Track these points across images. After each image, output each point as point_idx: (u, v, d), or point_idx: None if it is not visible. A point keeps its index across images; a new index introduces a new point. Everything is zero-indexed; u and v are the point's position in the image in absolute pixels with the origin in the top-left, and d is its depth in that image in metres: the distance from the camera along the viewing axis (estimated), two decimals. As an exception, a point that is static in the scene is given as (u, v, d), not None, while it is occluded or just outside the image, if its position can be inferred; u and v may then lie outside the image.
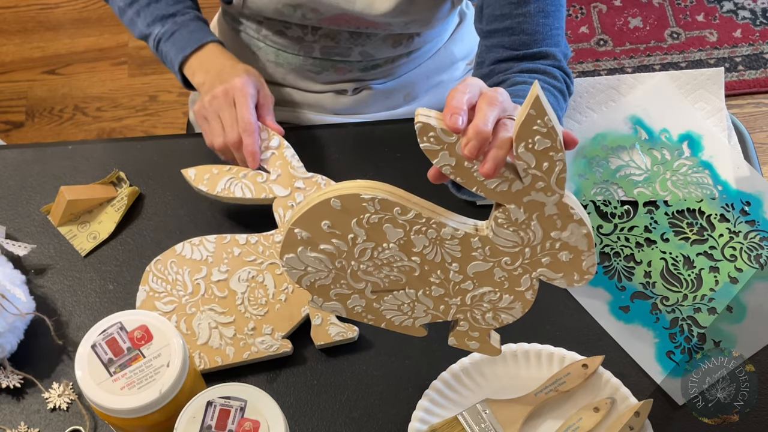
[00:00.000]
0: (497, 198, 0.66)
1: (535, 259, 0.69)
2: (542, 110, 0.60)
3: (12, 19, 2.16)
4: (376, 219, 0.68)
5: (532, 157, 0.63)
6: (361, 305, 0.75)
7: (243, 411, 0.73)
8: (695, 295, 0.96)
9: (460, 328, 0.76)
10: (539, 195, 0.65)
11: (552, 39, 0.94)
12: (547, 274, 0.70)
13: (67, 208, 0.97)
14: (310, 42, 1.08)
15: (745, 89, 2.04)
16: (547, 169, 0.63)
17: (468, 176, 0.65)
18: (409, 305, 0.74)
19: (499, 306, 0.73)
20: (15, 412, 0.90)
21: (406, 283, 0.72)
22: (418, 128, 0.63)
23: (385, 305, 0.74)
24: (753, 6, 2.15)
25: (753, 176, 1.03)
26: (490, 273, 0.70)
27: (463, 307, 0.73)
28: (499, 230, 0.67)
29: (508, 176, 0.64)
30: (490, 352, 0.78)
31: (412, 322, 0.76)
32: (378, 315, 0.76)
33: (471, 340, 0.77)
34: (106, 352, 0.75)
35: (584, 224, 0.67)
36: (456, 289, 0.72)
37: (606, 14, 2.15)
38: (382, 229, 0.68)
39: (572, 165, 1.03)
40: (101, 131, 1.99)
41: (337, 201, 0.67)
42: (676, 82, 1.09)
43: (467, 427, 0.85)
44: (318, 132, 1.07)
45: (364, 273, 0.72)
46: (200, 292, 0.92)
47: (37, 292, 0.95)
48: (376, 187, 0.67)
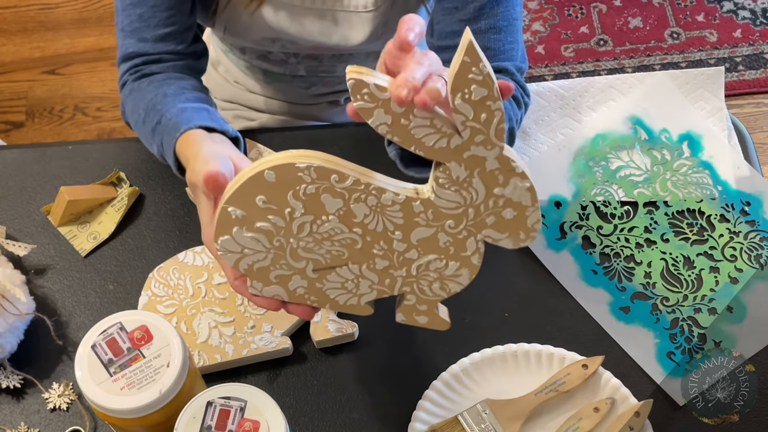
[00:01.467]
0: (437, 156, 0.64)
1: (479, 219, 0.67)
2: (477, 57, 0.58)
3: (12, 19, 2.16)
4: (312, 189, 0.66)
5: (470, 109, 0.61)
6: (303, 286, 0.72)
7: (243, 411, 0.73)
8: (695, 295, 0.96)
9: (407, 302, 0.74)
10: (479, 149, 0.63)
11: (505, 54, 0.94)
12: (492, 235, 0.68)
13: (67, 208, 0.97)
14: (294, 63, 1.09)
15: (745, 89, 2.04)
16: (485, 120, 0.62)
17: (405, 134, 0.63)
18: (353, 282, 0.72)
19: (446, 274, 0.71)
20: (15, 412, 0.90)
21: (349, 258, 0.70)
22: (351, 85, 0.61)
23: (328, 284, 0.72)
24: (753, 6, 2.15)
25: (753, 176, 1.03)
26: (434, 239, 0.69)
27: (409, 278, 0.71)
28: (440, 191, 0.66)
29: (446, 131, 0.63)
30: (439, 325, 0.76)
31: (357, 300, 0.74)
32: (321, 295, 0.73)
33: (419, 315, 0.75)
34: (106, 352, 0.75)
35: (526, 177, 0.65)
36: (400, 259, 0.70)
37: (606, 14, 2.15)
38: (320, 200, 0.66)
39: (572, 165, 1.03)
40: (101, 131, 1.99)
41: (271, 173, 0.65)
42: (676, 81, 1.09)
43: (467, 427, 0.85)
44: (318, 132, 1.07)
45: (304, 250, 0.69)
46: (201, 295, 0.92)
47: (37, 293, 0.95)
48: (311, 155, 0.65)
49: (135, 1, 0.91)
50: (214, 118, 0.87)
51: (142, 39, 0.93)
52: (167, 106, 0.88)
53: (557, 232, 0.99)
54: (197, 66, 0.98)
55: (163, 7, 0.91)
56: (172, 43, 0.94)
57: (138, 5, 0.92)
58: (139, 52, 0.93)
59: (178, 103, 0.88)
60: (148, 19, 0.92)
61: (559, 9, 2.17)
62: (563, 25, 2.14)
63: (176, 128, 0.85)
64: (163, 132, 0.87)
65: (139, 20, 0.92)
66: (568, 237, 0.99)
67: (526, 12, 2.16)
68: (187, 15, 0.94)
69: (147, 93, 0.91)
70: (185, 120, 0.85)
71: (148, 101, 0.90)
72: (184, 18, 0.94)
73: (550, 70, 2.07)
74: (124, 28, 0.94)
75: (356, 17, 0.98)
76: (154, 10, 0.92)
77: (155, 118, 0.89)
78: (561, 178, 1.02)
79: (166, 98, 0.89)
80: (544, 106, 1.08)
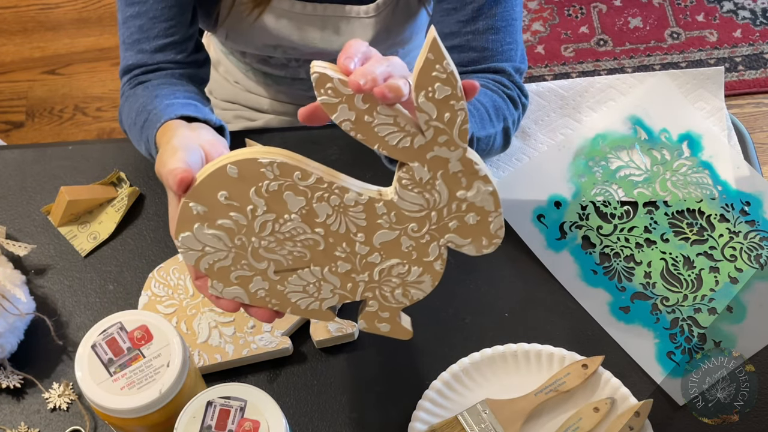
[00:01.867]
0: (400, 155, 0.64)
1: (442, 223, 0.67)
2: (440, 54, 0.58)
3: (12, 19, 2.16)
4: (275, 186, 0.65)
5: (433, 108, 0.61)
6: (264, 288, 0.71)
7: (243, 411, 0.73)
8: (695, 295, 0.96)
9: (369, 308, 0.73)
10: (442, 150, 0.63)
11: (503, 54, 0.94)
12: (455, 240, 0.68)
13: (68, 208, 0.97)
14: (295, 67, 1.09)
15: (745, 89, 2.04)
16: (448, 120, 0.61)
17: (368, 132, 0.63)
18: (315, 285, 0.71)
19: (408, 280, 0.71)
20: (15, 412, 0.90)
21: (311, 260, 0.69)
22: (315, 79, 0.61)
23: (290, 287, 0.71)
24: (753, 6, 2.15)
25: (753, 176, 1.03)
26: (396, 242, 0.68)
27: (372, 283, 0.71)
28: (403, 192, 0.65)
29: (410, 130, 0.63)
30: (401, 334, 0.76)
31: (319, 305, 0.73)
32: (283, 299, 0.72)
33: (381, 322, 0.74)
34: (106, 352, 0.75)
35: (489, 182, 0.65)
36: (363, 263, 0.69)
37: (606, 14, 2.15)
38: (283, 197, 0.66)
39: (572, 165, 1.03)
40: (101, 131, 1.99)
41: (234, 167, 0.64)
42: (676, 81, 1.09)
43: (467, 427, 0.85)
44: (318, 132, 1.07)
45: (265, 250, 0.69)
46: (201, 295, 0.92)
47: (37, 293, 0.95)
48: (274, 152, 0.65)
49: (135, 14, 0.91)
50: (199, 110, 0.86)
51: (142, 50, 0.93)
52: (156, 105, 0.87)
53: (557, 232, 0.99)
54: (198, 75, 0.97)
55: (162, 18, 0.91)
56: (172, 53, 0.93)
57: (138, 17, 0.91)
58: (138, 64, 0.93)
59: (166, 100, 0.87)
60: (148, 30, 0.92)
61: (559, 9, 2.17)
62: (563, 25, 2.14)
63: (158, 119, 0.84)
64: (148, 128, 0.86)
65: (138, 32, 0.92)
66: (568, 237, 0.99)
67: (526, 12, 2.16)
68: (187, 26, 0.94)
69: (140, 97, 0.91)
70: (168, 112, 0.84)
71: (140, 104, 0.90)
72: (184, 29, 0.93)
73: (550, 70, 2.07)
74: (125, 40, 0.94)
75: (358, 23, 0.98)
76: (154, 22, 0.91)
77: (144, 116, 0.88)
78: (561, 178, 1.02)
79: (157, 98, 0.88)
80: (544, 106, 1.08)
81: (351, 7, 0.97)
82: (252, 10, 0.96)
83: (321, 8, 0.97)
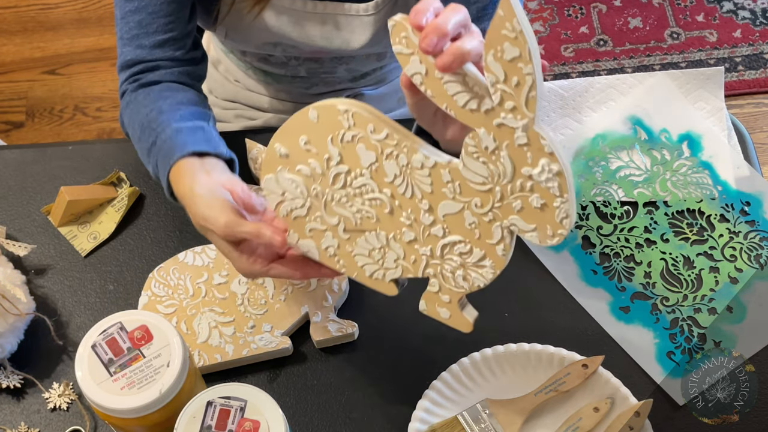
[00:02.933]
0: (467, 118, 0.64)
1: (506, 202, 0.66)
2: (511, 11, 0.56)
3: (12, 19, 2.16)
4: (349, 137, 0.68)
5: (501, 69, 0.59)
6: (334, 246, 0.74)
7: (243, 411, 0.73)
8: (695, 295, 0.96)
9: (431, 288, 0.74)
10: (509, 118, 0.62)
11: None
12: (518, 224, 0.66)
13: (68, 208, 0.97)
14: (295, 65, 1.09)
15: (745, 89, 2.04)
16: (516, 85, 0.60)
17: (437, 88, 0.63)
18: (380, 251, 0.73)
19: (469, 262, 0.70)
20: (15, 412, 0.90)
21: (377, 223, 0.72)
22: (391, 27, 0.63)
23: (357, 248, 0.74)
24: (753, 6, 2.15)
25: (753, 176, 1.03)
26: (460, 217, 0.69)
27: (434, 259, 0.72)
28: (468, 160, 0.65)
29: (478, 91, 0.62)
30: (461, 325, 0.75)
31: (383, 274, 0.74)
32: (350, 261, 0.75)
33: (441, 306, 0.74)
34: (107, 352, 0.75)
35: (556, 160, 0.62)
36: (426, 234, 0.71)
37: (606, 14, 2.15)
38: (356, 150, 0.68)
39: (572, 165, 1.03)
40: (101, 131, 1.99)
41: (314, 111, 0.68)
42: (676, 81, 1.09)
43: (467, 427, 0.85)
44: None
45: (337, 204, 0.72)
46: (201, 295, 0.92)
47: (37, 293, 0.95)
48: (353, 103, 0.68)
49: (133, 9, 0.91)
50: (209, 138, 0.86)
51: (141, 46, 0.93)
52: (162, 125, 0.88)
53: (557, 232, 0.99)
54: (196, 72, 0.97)
55: (161, 14, 0.91)
56: (170, 50, 0.94)
57: (136, 12, 0.91)
58: (137, 59, 0.93)
59: (173, 122, 0.88)
60: (147, 25, 0.92)
61: (559, 9, 2.17)
62: (563, 25, 2.14)
63: (170, 154, 0.85)
64: (157, 155, 0.87)
65: (137, 27, 0.92)
66: (568, 237, 0.99)
67: (527, 12, 2.16)
68: (185, 22, 0.94)
69: (143, 107, 0.91)
70: (180, 145, 0.85)
71: (144, 117, 0.90)
72: (183, 24, 0.94)
73: (550, 70, 2.07)
74: (123, 36, 0.94)
75: (357, 21, 0.98)
76: (153, 17, 0.91)
77: (150, 138, 0.88)
78: (561, 178, 1.02)
79: (162, 115, 0.89)
80: (544, 106, 1.08)
81: (350, 4, 0.97)
82: (252, 7, 0.97)
83: (321, 6, 0.97)
